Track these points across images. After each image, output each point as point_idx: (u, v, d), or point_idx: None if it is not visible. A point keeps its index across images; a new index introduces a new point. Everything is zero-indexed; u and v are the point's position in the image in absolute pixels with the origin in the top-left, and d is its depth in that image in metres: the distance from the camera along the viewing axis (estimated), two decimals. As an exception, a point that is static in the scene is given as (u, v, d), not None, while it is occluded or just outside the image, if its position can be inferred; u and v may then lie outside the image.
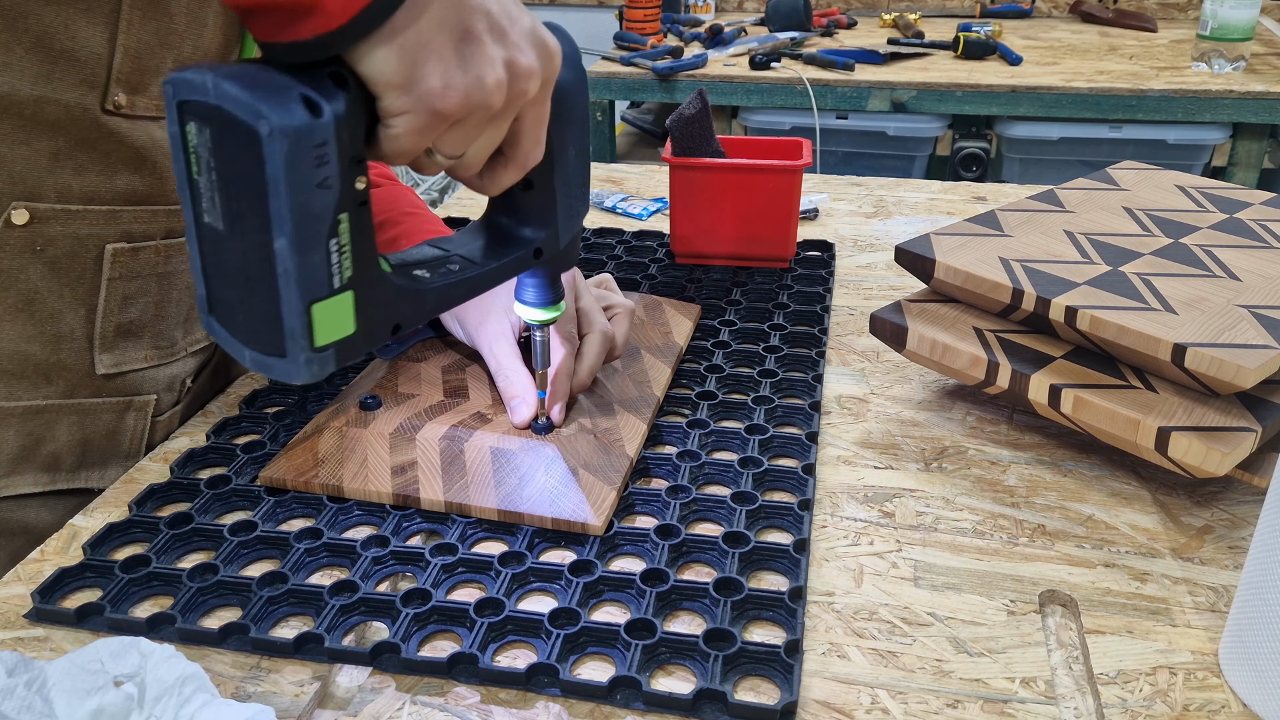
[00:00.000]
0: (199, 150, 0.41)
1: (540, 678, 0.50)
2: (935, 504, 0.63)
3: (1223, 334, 0.59)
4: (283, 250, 0.41)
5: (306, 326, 0.43)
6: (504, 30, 0.45)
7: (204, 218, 0.42)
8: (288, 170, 0.39)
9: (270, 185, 0.39)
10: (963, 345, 0.68)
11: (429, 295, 0.49)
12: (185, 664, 0.45)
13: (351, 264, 0.43)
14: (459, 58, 0.43)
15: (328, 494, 0.62)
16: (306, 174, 0.40)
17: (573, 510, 0.59)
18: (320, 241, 0.42)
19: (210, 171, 0.41)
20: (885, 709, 0.48)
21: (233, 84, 0.39)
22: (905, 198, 1.15)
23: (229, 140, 0.39)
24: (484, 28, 0.44)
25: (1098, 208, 0.78)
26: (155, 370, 0.70)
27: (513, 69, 0.45)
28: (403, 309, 0.47)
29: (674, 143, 0.91)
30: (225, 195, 0.41)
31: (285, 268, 0.41)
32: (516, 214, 0.54)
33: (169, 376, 0.72)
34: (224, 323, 0.44)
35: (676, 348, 0.77)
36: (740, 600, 0.54)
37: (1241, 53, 1.95)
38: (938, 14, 2.57)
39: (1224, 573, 0.57)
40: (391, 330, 0.47)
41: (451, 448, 0.62)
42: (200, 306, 0.45)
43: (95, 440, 0.68)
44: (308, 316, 0.42)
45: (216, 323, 0.45)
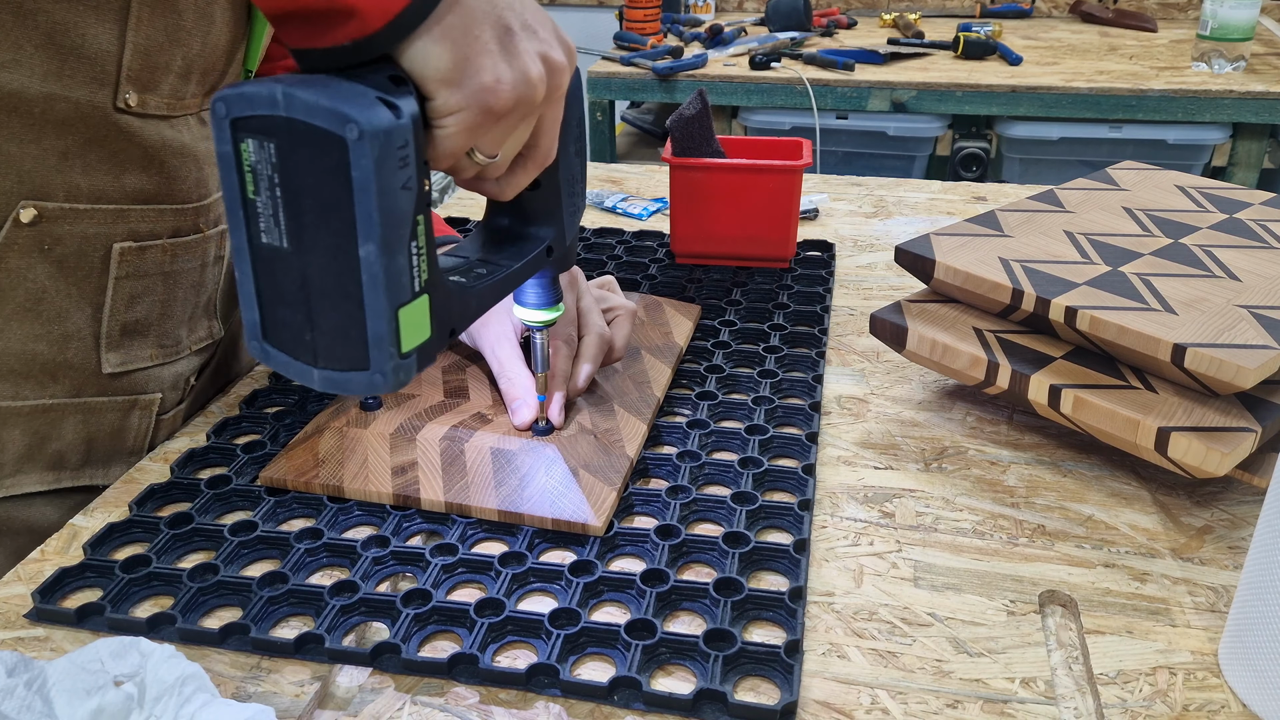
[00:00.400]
0: (258, 167, 0.40)
1: (540, 678, 0.50)
2: (935, 504, 0.63)
3: (1222, 334, 0.59)
4: (370, 256, 0.40)
5: (394, 333, 0.42)
6: (534, 26, 0.45)
7: (261, 238, 0.42)
8: (377, 173, 0.39)
9: (358, 190, 0.39)
10: (963, 345, 0.68)
11: (472, 298, 0.50)
12: (185, 664, 0.45)
13: (426, 269, 0.44)
14: (503, 52, 0.43)
15: (328, 494, 0.62)
16: (392, 176, 0.40)
17: (573, 511, 0.59)
18: (404, 245, 0.42)
19: (273, 188, 0.40)
20: (885, 709, 0.48)
21: (307, 92, 0.38)
22: (905, 198, 1.15)
23: (303, 152, 0.39)
24: (518, 23, 0.44)
25: (1098, 208, 0.78)
26: (160, 369, 0.70)
27: (549, 64, 0.46)
28: (456, 312, 0.48)
29: (674, 143, 0.91)
30: (292, 210, 0.41)
31: (373, 274, 0.41)
32: (524, 214, 0.55)
33: (174, 375, 0.72)
34: (282, 347, 0.44)
35: (676, 348, 0.77)
36: (740, 600, 0.54)
37: (1241, 53, 1.95)
38: (938, 14, 2.57)
39: (1224, 573, 0.57)
40: (449, 334, 0.47)
41: (452, 448, 0.62)
42: (251, 334, 0.44)
43: (100, 439, 0.68)
44: (395, 322, 0.42)
45: (272, 348, 0.44)
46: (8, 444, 0.64)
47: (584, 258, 0.96)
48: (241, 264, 0.43)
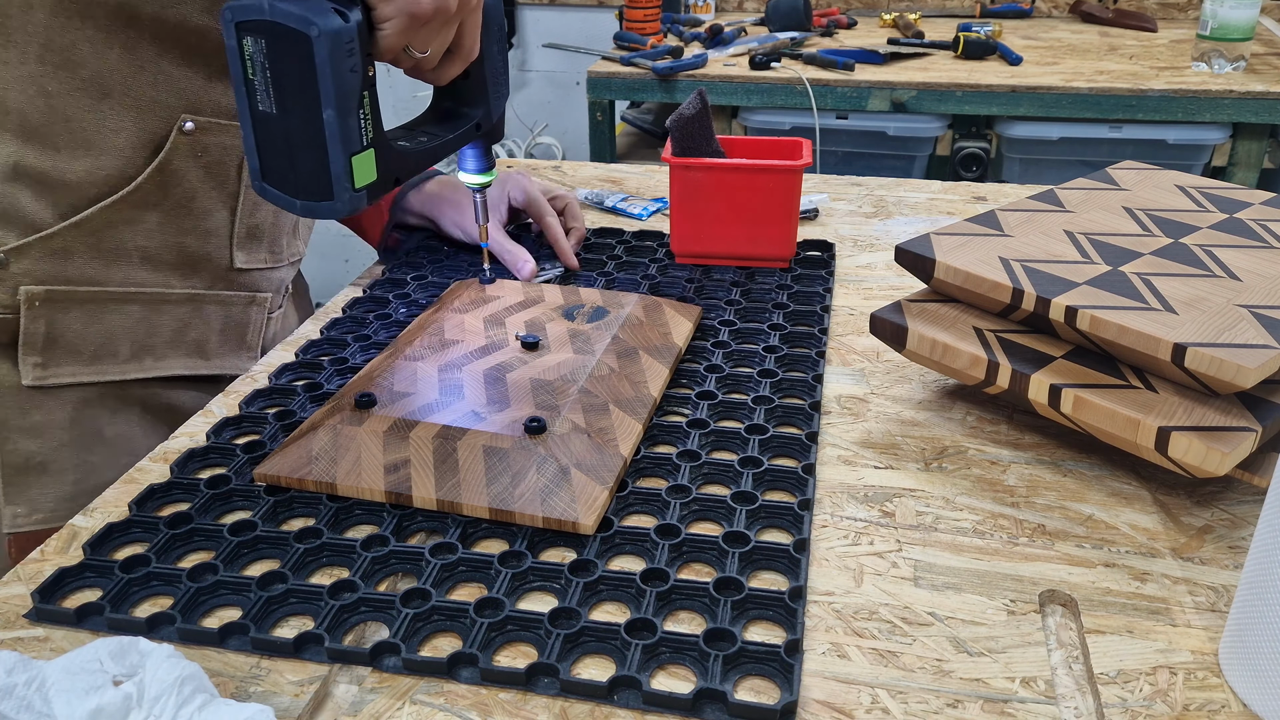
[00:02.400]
0: (253, 56, 0.55)
1: (540, 677, 0.50)
2: (935, 504, 0.63)
3: (1223, 334, 0.59)
4: (330, 118, 0.56)
5: (348, 173, 0.58)
6: None
7: (259, 107, 0.56)
8: (331, 60, 0.54)
9: (319, 72, 0.55)
10: (963, 345, 0.68)
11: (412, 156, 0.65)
12: (184, 664, 0.45)
13: (371, 129, 0.59)
14: None
15: (321, 491, 0.62)
16: (342, 62, 0.55)
17: (564, 509, 0.59)
18: (353, 110, 0.57)
19: (265, 71, 0.55)
20: (885, 709, 0.48)
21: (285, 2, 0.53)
22: (905, 198, 1.15)
23: (283, 44, 0.54)
24: None
25: (1098, 208, 0.78)
26: (270, 271, 0.84)
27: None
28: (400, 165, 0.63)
29: (674, 143, 0.91)
30: (278, 87, 0.55)
31: (332, 130, 0.56)
32: (459, 98, 0.70)
33: (278, 279, 0.86)
34: (276, 185, 0.59)
35: (675, 349, 0.77)
36: (740, 600, 0.54)
37: (1241, 53, 1.95)
38: (938, 14, 2.56)
39: (1224, 573, 0.57)
40: (394, 181, 0.62)
41: (444, 446, 0.62)
42: (254, 177, 0.59)
43: (230, 329, 0.81)
44: (349, 165, 0.58)
45: (270, 187, 0.59)
46: (159, 329, 0.76)
47: (584, 258, 0.96)
48: (245, 125, 0.57)
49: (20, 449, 0.72)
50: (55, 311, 0.71)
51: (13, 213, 0.70)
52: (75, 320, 0.72)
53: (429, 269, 0.95)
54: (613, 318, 0.78)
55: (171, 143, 0.73)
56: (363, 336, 0.83)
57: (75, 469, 0.73)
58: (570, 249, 0.93)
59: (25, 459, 0.72)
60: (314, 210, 0.59)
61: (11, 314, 0.70)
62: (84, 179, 0.71)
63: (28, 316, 0.70)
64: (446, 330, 0.75)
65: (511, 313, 0.78)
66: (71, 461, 0.73)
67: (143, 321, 0.75)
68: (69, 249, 0.71)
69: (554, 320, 0.77)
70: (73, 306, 0.72)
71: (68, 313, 0.72)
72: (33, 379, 0.71)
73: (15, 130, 0.68)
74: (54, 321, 0.71)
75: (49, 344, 0.72)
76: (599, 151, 2.16)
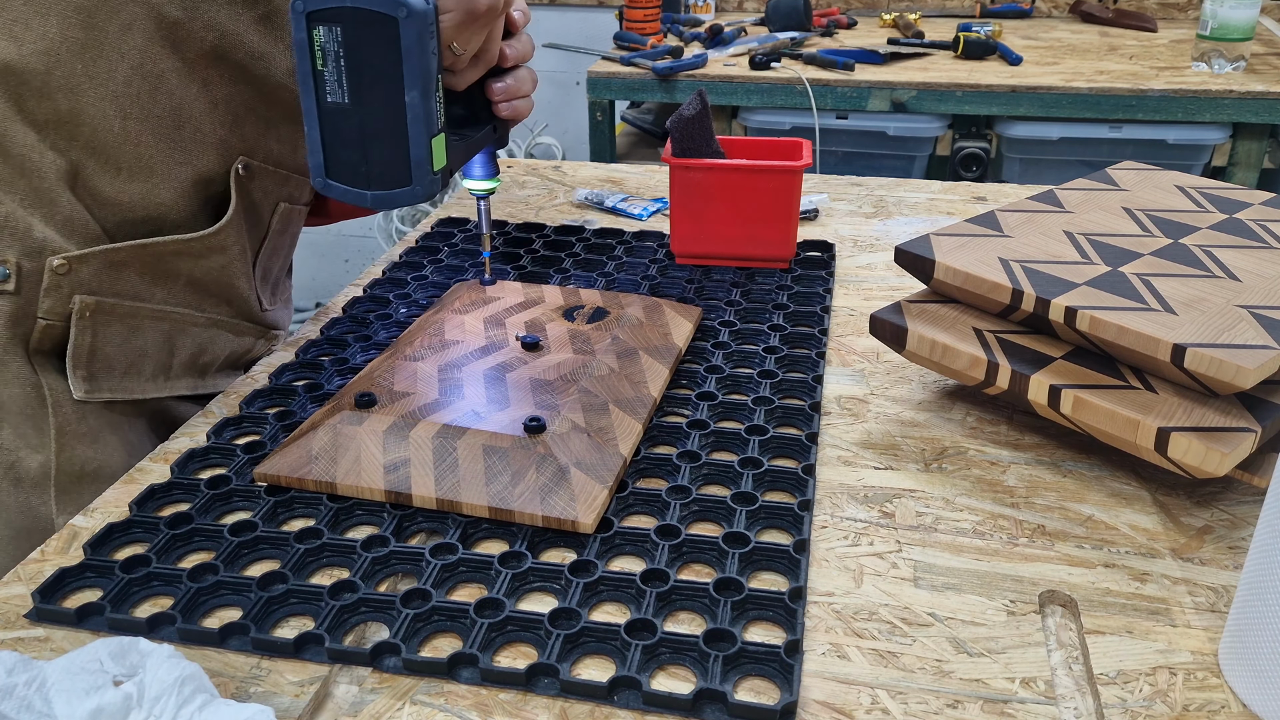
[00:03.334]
0: (326, 46, 0.56)
1: (540, 678, 0.50)
2: (935, 504, 0.63)
3: (1222, 334, 0.59)
4: (414, 100, 0.58)
5: (429, 155, 0.59)
6: None
7: (327, 99, 0.58)
8: (418, 41, 0.56)
9: (405, 53, 0.56)
10: (962, 346, 0.68)
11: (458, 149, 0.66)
12: (184, 664, 0.45)
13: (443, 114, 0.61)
14: None
15: (321, 490, 0.62)
16: (426, 43, 0.57)
17: (563, 508, 0.59)
18: (432, 93, 0.59)
19: (338, 60, 0.57)
20: (885, 709, 0.48)
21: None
22: (905, 198, 1.15)
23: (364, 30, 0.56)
24: None
25: (1097, 208, 0.78)
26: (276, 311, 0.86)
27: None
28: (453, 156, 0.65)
29: (674, 143, 0.91)
30: (353, 75, 0.57)
31: (415, 113, 0.58)
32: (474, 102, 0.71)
33: (286, 317, 0.89)
34: (342, 179, 0.60)
35: (675, 349, 0.77)
36: (740, 600, 0.54)
37: (1241, 53, 1.95)
38: (938, 14, 2.56)
39: (1224, 573, 0.57)
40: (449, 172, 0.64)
41: (444, 445, 0.62)
42: (316, 173, 0.60)
43: (234, 356, 0.83)
44: (429, 148, 0.59)
45: (335, 182, 0.60)
46: (179, 350, 0.78)
47: (584, 258, 0.96)
48: (310, 121, 0.59)
49: (77, 456, 0.71)
50: (100, 324, 0.72)
51: (73, 221, 0.70)
52: (115, 335, 0.73)
53: (429, 269, 0.95)
54: (613, 318, 0.78)
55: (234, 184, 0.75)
56: (363, 336, 0.83)
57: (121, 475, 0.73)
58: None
59: (81, 466, 0.71)
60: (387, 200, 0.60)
61: (60, 322, 0.70)
62: (136, 201, 0.72)
63: (77, 328, 0.70)
64: (447, 330, 0.75)
65: (512, 313, 0.78)
66: (121, 468, 0.73)
67: (166, 342, 0.76)
68: (126, 264, 0.72)
69: (554, 321, 0.77)
70: (114, 321, 0.72)
71: (109, 326, 0.72)
72: (82, 393, 0.71)
73: (85, 144, 0.69)
74: (98, 334, 0.72)
75: (91, 358, 0.72)
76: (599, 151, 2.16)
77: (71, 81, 0.67)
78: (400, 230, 2.76)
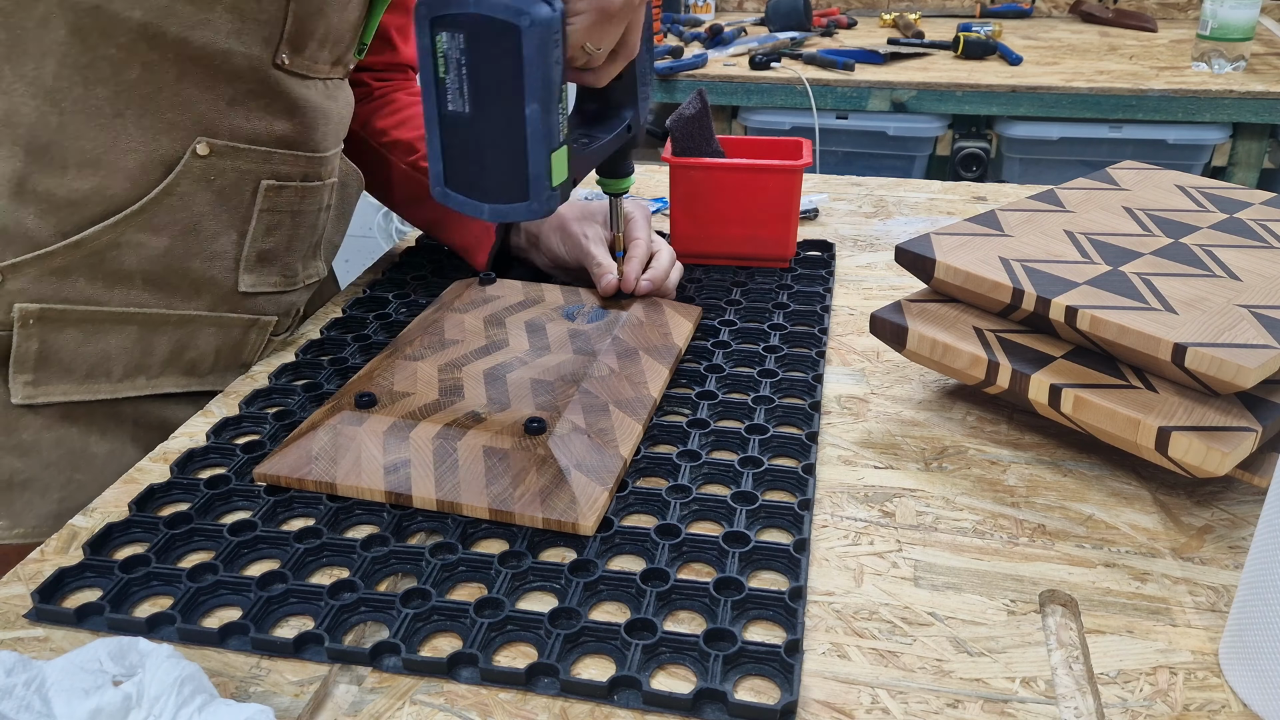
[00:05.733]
0: (448, 53, 0.55)
1: (540, 677, 0.50)
2: (935, 504, 0.63)
3: (1223, 334, 0.59)
4: (533, 113, 0.55)
5: (547, 170, 0.57)
6: None
7: (448, 107, 0.56)
8: (540, 52, 0.54)
9: (527, 64, 0.54)
10: (963, 345, 0.68)
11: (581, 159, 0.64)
12: (184, 664, 0.45)
13: (566, 127, 0.58)
14: None
15: (321, 491, 0.62)
16: (549, 54, 0.54)
17: (563, 510, 0.59)
18: (554, 106, 0.56)
19: (460, 68, 0.55)
20: (885, 709, 0.48)
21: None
22: (905, 198, 1.15)
23: (486, 38, 0.54)
24: None
25: (1098, 208, 0.78)
26: (279, 295, 0.82)
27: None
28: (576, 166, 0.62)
29: (674, 143, 0.91)
30: (475, 84, 0.55)
31: (534, 126, 0.55)
32: (609, 100, 0.69)
33: (288, 303, 0.84)
34: (459, 190, 0.58)
35: (675, 349, 0.77)
36: (740, 600, 0.54)
37: (1241, 53, 1.95)
38: (938, 14, 2.56)
39: (1224, 573, 0.57)
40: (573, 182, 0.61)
41: (444, 446, 0.62)
42: (435, 182, 0.58)
43: (225, 350, 0.80)
44: (548, 163, 0.57)
45: (451, 191, 0.58)
46: (156, 348, 0.75)
47: (584, 257, 0.96)
48: (431, 128, 0.57)
49: (4, 465, 0.70)
50: (49, 331, 0.70)
51: (14, 230, 0.68)
52: (70, 340, 0.71)
53: (428, 269, 0.95)
54: (613, 318, 0.78)
55: (183, 165, 0.71)
56: (362, 336, 0.83)
57: (61, 487, 0.72)
58: (635, 273, 0.82)
59: (10, 475, 0.70)
60: (504, 214, 0.58)
61: (4, 331, 0.69)
62: (89, 197, 0.69)
63: (21, 335, 0.69)
64: (446, 330, 0.75)
65: (512, 313, 0.78)
66: (58, 480, 0.72)
67: (139, 342, 0.74)
68: (68, 268, 0.69)
69: (554, 320, 0.77)
70: (68, 326, 0.70)
71: (62, 332, 0.70)
72: (21, 397, 0.70)
73: (24, 146, 0.67)
74: (48, 341, 0.70)
75: (41, 363, 0.70)
76: (599, 151, 2.16)
77: (2, 85, 0.65)
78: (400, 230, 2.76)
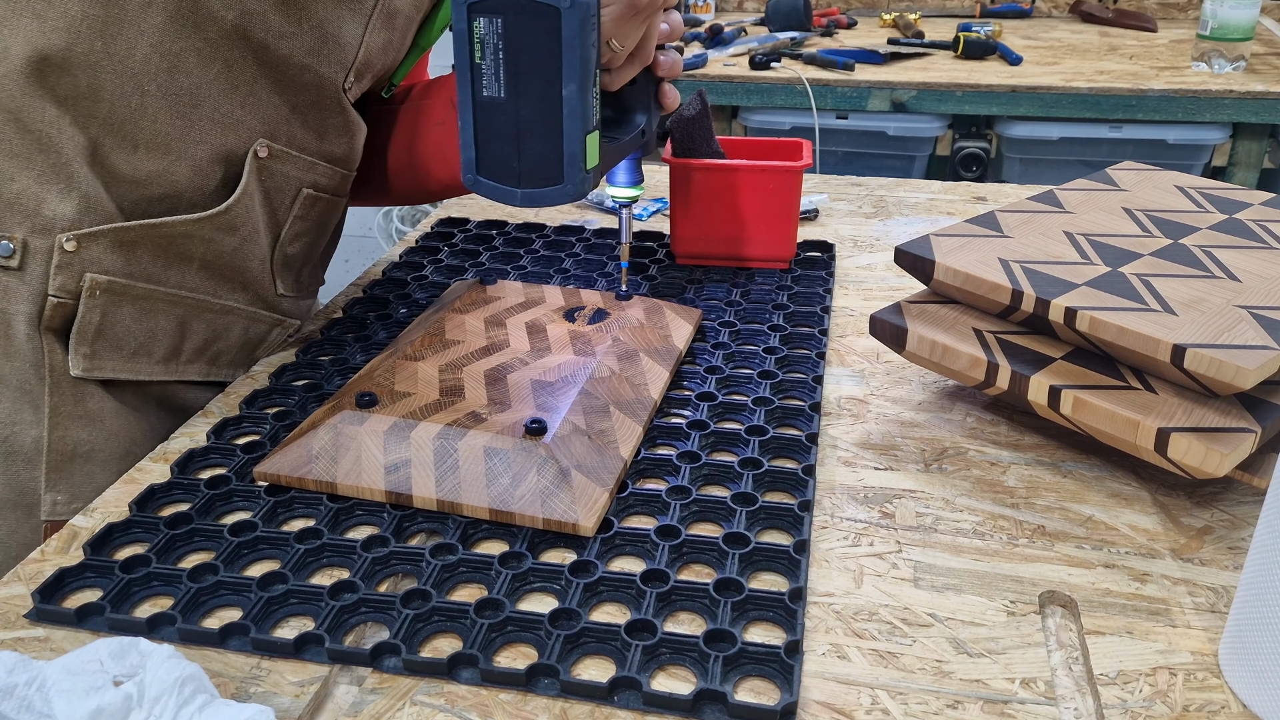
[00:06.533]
0: (485, 38, 0.56)
1: (540, 678, 0.50)
2: (935, 505, 0.63)
3: (1222, 335, 0.59)
4: (571, 94, 0.56)
5: (582, 152, 0.58)
6: None
7: (483, 93, 0.57)
8: (580, 33, 0.55)
9: (566, 45, 0.55)
10: (962, 346, 0.68)
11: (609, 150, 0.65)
12: (185, 664, 0.45)
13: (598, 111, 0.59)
14: None
15: (321, 490, 0.62)
16: (588, 36, 0.56)
17: (564, 511, 0.59)
18: (590, 87, 0.57)
19: (496, 53, 0.56)
20: (885, 709, 0.48)
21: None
22: (905, 198, 1.15)
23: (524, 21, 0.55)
24: None
25: (1097, 208, 0.78)
26: (298, 300, 0.86)
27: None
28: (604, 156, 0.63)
29: (674, 143, 0.91)
30: (511, 68, 0.56)
31: (572, 107, 0.56)
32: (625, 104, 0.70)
33: (305, 307, 0.88)
34: (492, 176, 0.59)
35: (675, 351, 0.77)
36: (740, 601, 0.54)
37: (1241, 53, 1.95)
38: (938, 14, 2.56)
39: (1224, 573, 0.57)
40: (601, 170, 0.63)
41: (445, 446, 0.62)
42: (467, 169, 0.59)
43: (249, 344, 0.83)
44: (584, 145, 0.58)
45: (483, 178, 0.59)
46: (192, 335, 0.77)
47: (582, 257, 0.96)
48: (465, 114, 0.58)
49: (70, 436, 0.71)
50: (112, 304, 0.72)
51: (91, 199, 0.70)
52: (126, 316, 0.73)
53: (429, 269, 0.95)
54: (613, 319, 0.78)
55: (249, 165, 0.75)
56: (363, 336, 0.83)
57: (119, 460, 0.73)
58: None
59: (74, 446, 0.72)
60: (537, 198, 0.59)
61: (71, 300, 0.70)
62: (152, 178, 0.72)
63: (86, 305, 0.70)
64: (447, 330, 0.75)
65: (512, 313, 0.78)
66: (117, 452, 0.73)
67: (181, 326, 0.76)
68: (138, 244, 0.72)
69: (555, 321, 0.77)
70: (127, 302, 0.72)
71: (121, 307, 0.72)
72: (80, 369, 0.71)
73: (103, 120, 0.69)
74: (108, 314, 0.72)
75: (99, 335, 0.72)
76: (599, 151, 2.16)
77: (91, 58, 0.67)
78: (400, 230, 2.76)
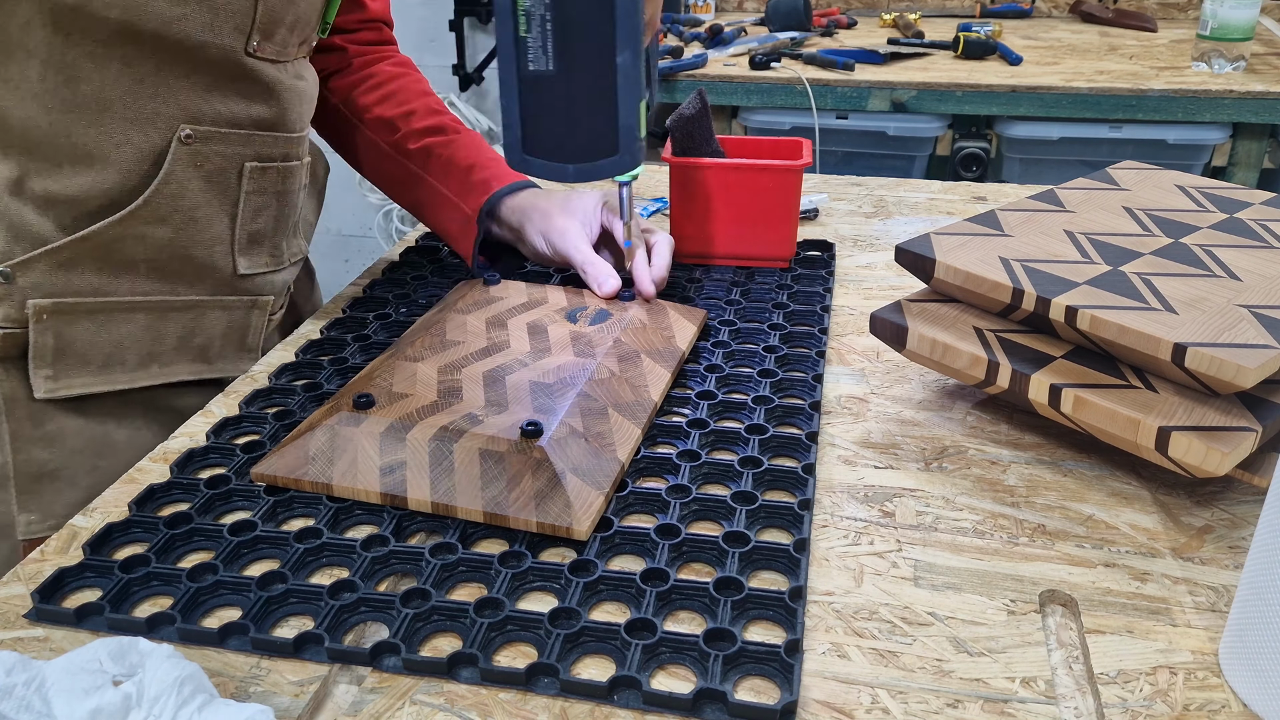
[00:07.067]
0: (531, 10, 0.55)
1: (540, 677, 0.50)
2: (935, 504, 0.63)
3: (1223, 334, 0.59)
4: (625, 62, 0.55)
5: (638, 120, 0.57)
6: None
7: (529, 67, 0.56)
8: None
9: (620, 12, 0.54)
10: (963, 345, 0.68)
11: None
12: (184, 664, 0.44)
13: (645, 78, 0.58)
14: None
15: (318, 492, 0.62)
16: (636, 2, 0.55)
17: (558, 515, 0.59)
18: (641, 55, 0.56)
19: (544, 25, 0.55)
20: (885, 709, 0.48)
21: None
22: (905, 198, 1.15)
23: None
24: None
25: (1098, 208, 0.78)
26: (272, 275, 0.85)
27: None
28: None
29: (674, 143, 0.91)
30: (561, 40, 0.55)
31: (627, 75, 0.56)
32: None
33: (280, 281, 0.86)
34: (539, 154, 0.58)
35: (678, 353, 0.77)
36: (740, 600, 0.54)
37: (1241, 53, 1.95)
38: (938, 14, 2.56)
39: (1224, 573, 0.57)
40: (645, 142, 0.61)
41: (441, 448, 0.62)
42: (513, 150, 0.58)
43: (232, 333, 0.82)
44: (639, 112, 0.57)
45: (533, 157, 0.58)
46: (166, 335, 0.77)
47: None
48: (508, 92, 0.57)
49: (34, 458, 0.72)
50: (63, 324, 0.72)
51: (19, 227, 0.70)
52: (84, 331, 0.73)
53: (428, 269, 0.95)
54: (615, 320, 0.78)
55: (172, 154, 0.73)
56: (363, 336, 0.83)
57: (88, 474, 0.74)
58: (648, 276, 0.83)
59: (39, 468, 0.72)
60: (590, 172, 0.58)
61: (20, 328, 0.71)
62: (87, 192, 0.71)
63: (36, 330, 0.71)
64: (448, 331, 0.75)
65: (515, 314, 0.78)
66: (84, 467, 0.74)
67: (149, 329, 0.76)
68: (75, 261, 0.72)
69: (556, 322, 0.77)
70: (80, 318, 0.73)
71: (75, 324, 0.72)
72: (44, 391, 0.72)
73: (18, 147, 0.69)
74: (62, 334, 0.72)
75: (59, 356, 0.72)
76: (599, 152, 2.16)
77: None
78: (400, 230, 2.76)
